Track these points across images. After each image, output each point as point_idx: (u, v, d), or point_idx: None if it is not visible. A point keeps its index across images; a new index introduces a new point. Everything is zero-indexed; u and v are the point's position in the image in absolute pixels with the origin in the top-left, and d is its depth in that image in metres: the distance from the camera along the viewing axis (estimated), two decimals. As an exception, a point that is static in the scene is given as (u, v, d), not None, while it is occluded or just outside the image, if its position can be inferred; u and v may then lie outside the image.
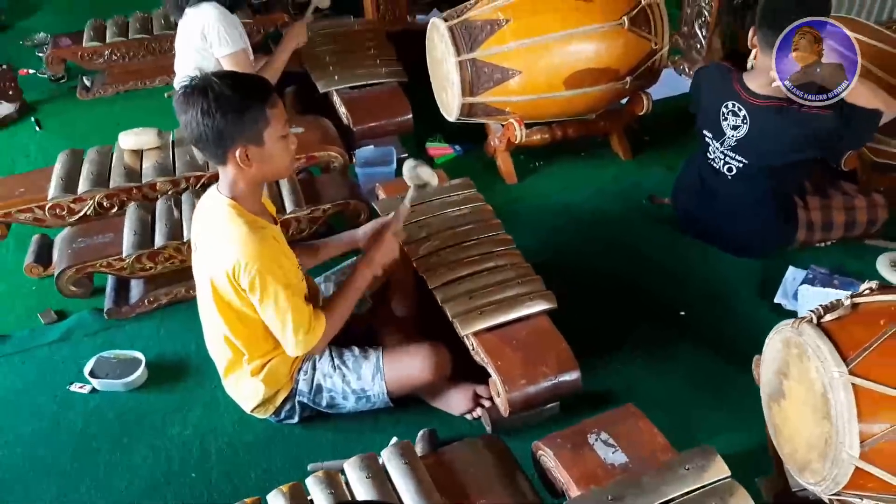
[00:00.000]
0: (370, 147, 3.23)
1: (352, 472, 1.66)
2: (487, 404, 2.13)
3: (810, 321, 1.60)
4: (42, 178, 2.76)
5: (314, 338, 1.96)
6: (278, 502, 1.61)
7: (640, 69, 3.05)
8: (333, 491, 1.60)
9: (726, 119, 2.53)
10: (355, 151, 3.18)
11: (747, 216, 2.64)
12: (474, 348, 2.07)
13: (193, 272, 2.08)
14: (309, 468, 2.03)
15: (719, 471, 1.54)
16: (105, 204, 2.72)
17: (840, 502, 1.60)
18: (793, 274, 2.59)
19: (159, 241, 2.52)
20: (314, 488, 1.63)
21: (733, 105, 2.50)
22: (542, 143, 3.19)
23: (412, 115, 3.23)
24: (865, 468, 1.49)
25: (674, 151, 3.24)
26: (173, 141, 2.91)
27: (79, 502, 2.05)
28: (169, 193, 2.73)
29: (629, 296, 2.61)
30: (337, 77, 3.36)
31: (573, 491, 1.59)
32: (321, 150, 2.90)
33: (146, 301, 2.62)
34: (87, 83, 4.11)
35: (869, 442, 1.47)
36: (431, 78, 3.29)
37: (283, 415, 2.16)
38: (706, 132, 2.63)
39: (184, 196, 2.68)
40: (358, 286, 2.10)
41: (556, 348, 2.03)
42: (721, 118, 2.54)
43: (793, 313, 2.43)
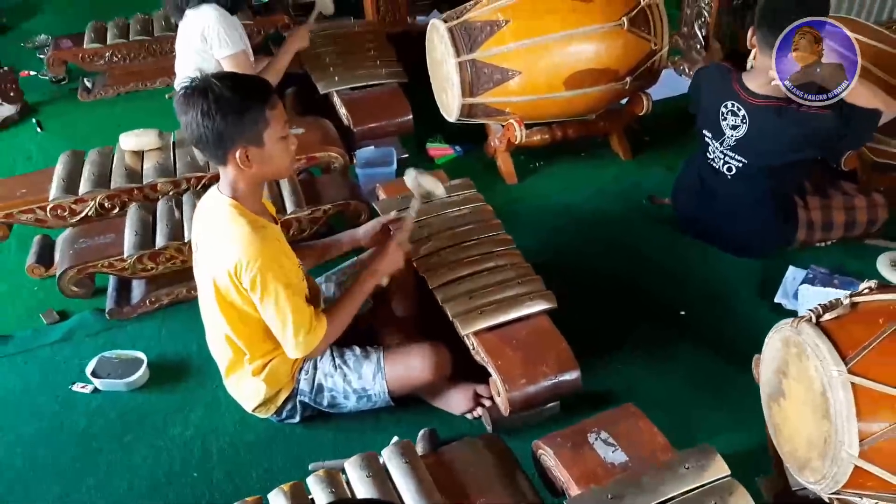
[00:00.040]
0: (370, 148, 3.23)
1: (352, 472, 1.66)
2: (488, 404, 2.14)
3: (809, 320, 1.60)
4: (43, 180, 2.77)
5: (315, 339, 1.96)
6: (279, 501, 1.62)
7: (640, 69, 3.06)
8: (334, 490, 1.61)
9: (726, 119, 2.53)
10: (356, 152, 3.19)
11: (747, 216, 2.64)
12: (474, 348, 2.07)
13: (194, 272, 2.08)
14: (310, 467, 2.03)
15: (719, 470, 1.54)
16: (106, 205, 2.72)
17: (840, 501, 1.60)
18: (793, 274, 2.59)
19: (160, 242, 2.53)
20: (315, 487, 1.63)
21: (733, 105, 2.50)
22: (543, 144, 3.19)
23: (412, 116, 3.23)
24: (865, 467, 1.49)
25: (674, 152, 3.24)
26: (174, 142, 2.92)
27: (80, 502, 2.06)
28: (170, 194, 2.74)
29: (629, 296, 2.62)
30: (337, 78, 3.36)
31: (573, 490, 1.59)
32: (321, 151, 2.90)
33: (148, 301, 2.63)
34: (88, 85, 4.12)
35: (868, 441, 1.48)
36: (431, 79, 3.29)
37: (285, 414, 2.16)
38: (706, 132, 2.64)
39: (185, 197, 2.69)
40: (360, 295, 2.10)
41: (557, 348, 2.03)
42: (720, 118, 2.54)
43: (793, 313, 2.42)
